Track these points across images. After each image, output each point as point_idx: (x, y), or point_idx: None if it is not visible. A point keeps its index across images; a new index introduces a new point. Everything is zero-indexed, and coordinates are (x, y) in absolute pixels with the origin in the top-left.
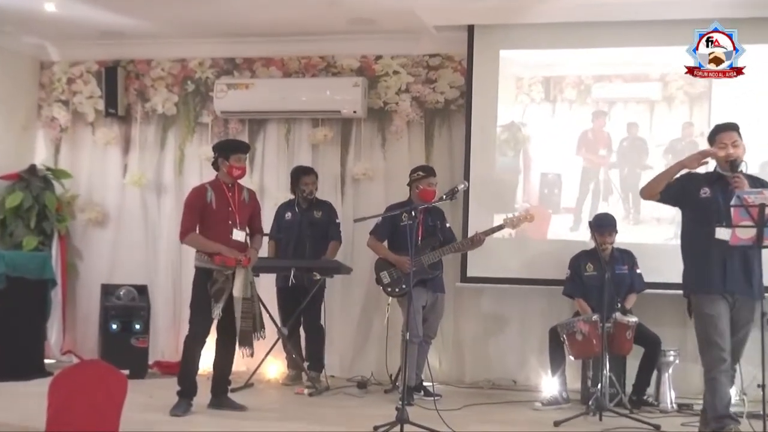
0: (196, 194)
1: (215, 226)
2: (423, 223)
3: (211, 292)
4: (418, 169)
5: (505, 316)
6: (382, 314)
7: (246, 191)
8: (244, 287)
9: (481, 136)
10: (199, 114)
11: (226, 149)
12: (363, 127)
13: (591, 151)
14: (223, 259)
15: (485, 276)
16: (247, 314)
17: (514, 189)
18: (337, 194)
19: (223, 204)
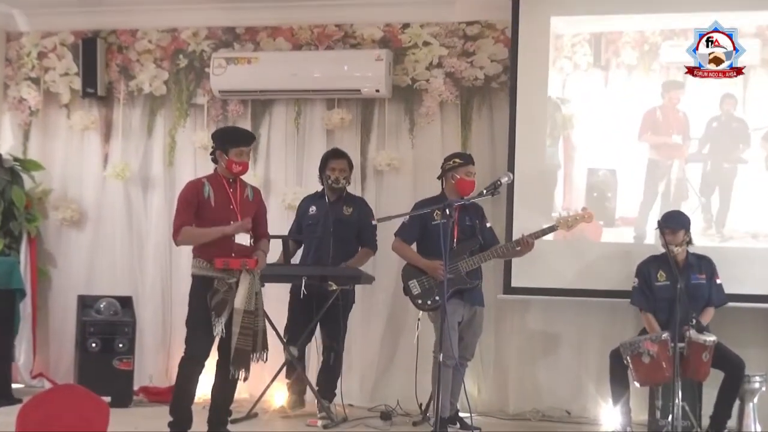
0: (192, 189)
1: (214, 226)
2: (459, 223)
3: (211, 304)
4: (453, 156)
5: (556, 335)
6: (411, 331)
7: (249, 188)
8: (248, 298)
9: (528, 120)
10: (193, 94)
11: (226, 141)
12: (387, 108)
13: (661, 138)
14: (225, 261)
15: (533, 286)
16: (247, 330)
17: (552, 190)
18: (356, 189)
19: (224, 201)
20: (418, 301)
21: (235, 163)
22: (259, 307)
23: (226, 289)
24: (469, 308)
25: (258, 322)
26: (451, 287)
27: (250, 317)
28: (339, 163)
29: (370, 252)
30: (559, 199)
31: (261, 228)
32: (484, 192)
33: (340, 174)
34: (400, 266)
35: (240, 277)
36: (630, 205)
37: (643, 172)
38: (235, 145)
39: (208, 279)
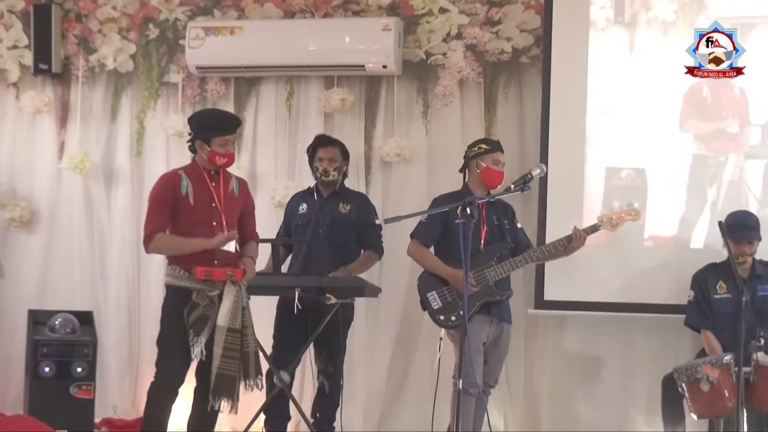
0: (167, 184)
1: (193, 229)
2: (486, 222)
3: (189, 321)
4: (479, 142)
5: (597, 357)
6: (424, 352)
7: (235, 180)
8: (233, 313)
9: (565, 101)
10: (166, 71)
11: (206, 128)
12: (396, 88)
13: (710, 125)
14: (207, 271)
15: (569, 299)
16: (232, 352)
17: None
18: (359, 183)
19: (205, 198)
20: (439, 316)
21: (220, 155)
22: (247, 325)
23: (207, 303)
24: (496, 325)
25: (247, 342)
26: (477, 300)
27: (235, 336)
28: (327, 152)
29: (375, 256)
30: (600, 195)
31: (248, 228)
32: (512, 187)
33: (330, 165)
34: (412, 274)
35: (224, 289)
36: (665, 218)
37: (684, 171)
38: (219, 133)
39: (186, 291)
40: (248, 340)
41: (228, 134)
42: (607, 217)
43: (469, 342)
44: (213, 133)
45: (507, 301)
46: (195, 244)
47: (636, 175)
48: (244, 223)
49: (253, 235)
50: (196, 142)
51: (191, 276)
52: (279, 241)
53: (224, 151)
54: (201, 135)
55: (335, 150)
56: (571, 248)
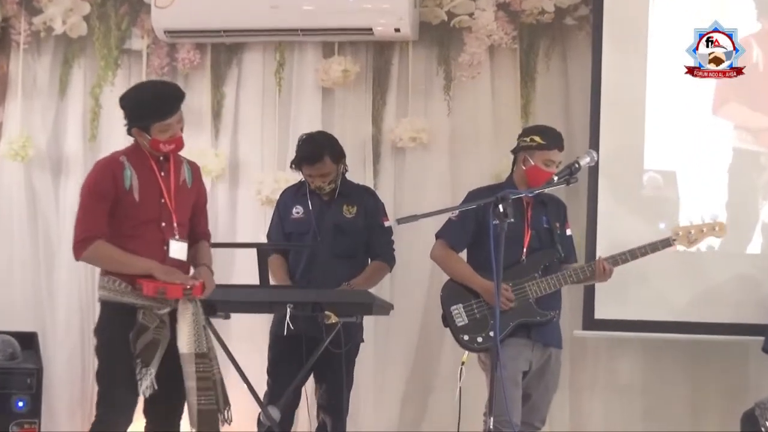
0: (105, 174)
1: (137, 231)
2: (532, 224)
3: (135, 347)
4: (533, 132)
5: (660, 389)
6: (447, 384)
7: (187, 167)
8: (196, 335)
9: (621, 72)
10: (127, 35)
11: (142, 115)
12: (412, 56)
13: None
14: (161, 287)
15: (625, 318)
16: (207, 381)
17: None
18: (365, 174)
19: (152, 192)
20: (462, 336)
21: (164, 143)
22: (210, 347)
23: (158, 325)
24: (540, 351)
25: (212, 368)
26: (512, 319)
27: (205, 363)
28: (315, 169)
29: (384, 267)
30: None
31: (201, 225)
32: (555, 179)
33: (322, 180)
34: (432, 288)
35: (179, 306)
36: (744, 223)
37: (723, 173)
38: (158, 118)
39: (129, 309)
40: (213, 366)
41: (170, 116)
42: (684, 231)
43: (502, 370)
44: (150, 119)
45: (556, 322)
46: (139, 265)
47: (664, 182)
48: (195, 218)
49: (205, 233)
50: (133, 131)
51: (135, 290)
52: (273, 246)
53: (168, 137)
54: (136, 122)
55: (323, 165)
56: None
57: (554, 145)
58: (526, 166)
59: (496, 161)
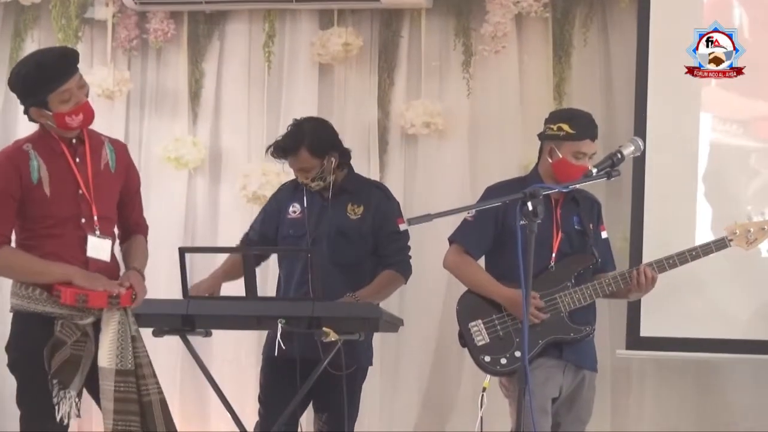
0: (6, 168)
1: (52, 231)
2: (562, 225)
3: (50, 366)
4: (561, 119)
5: (720, 419)
6: (466, 411)
7: (108, 146)
8: (120, 348)
9: (670, 47)
10: (89, 1)
11: (34, 88)
12: (425, 27)
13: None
14: (81, 294)
15: (676, 336)
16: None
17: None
18: (370, 166)
19: (66, 183)
20: (482, 357)
21: (69, 115)
22: (142, 363)
23: (78, 338)
24: (572, 374)
25: (147, 387)
26: (542, 337)
27: (127, 381)
28: (297, 162)
29: (398, 278)
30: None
31: (133, 215)
32: (594, 172)
33: (305, 176)
34: (449, 299)
35: (103, 315)
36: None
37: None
38: (52, 85)
39: (45, 319)
40: (148, 385)
41: (65, 82)
42: (743, 229)
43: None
44: (45, 89)
45: (590, 341)
46: (57, 272)
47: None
48: (127, 207)
49: (138, 225)
50: (31, 112)
51: (51, 298)
52: (255, 251)
53: (72, 107)
54: (31, 99)
55: (300, 157)
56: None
57: (586, 135)
58: (553, 158)
59: (524, 151)
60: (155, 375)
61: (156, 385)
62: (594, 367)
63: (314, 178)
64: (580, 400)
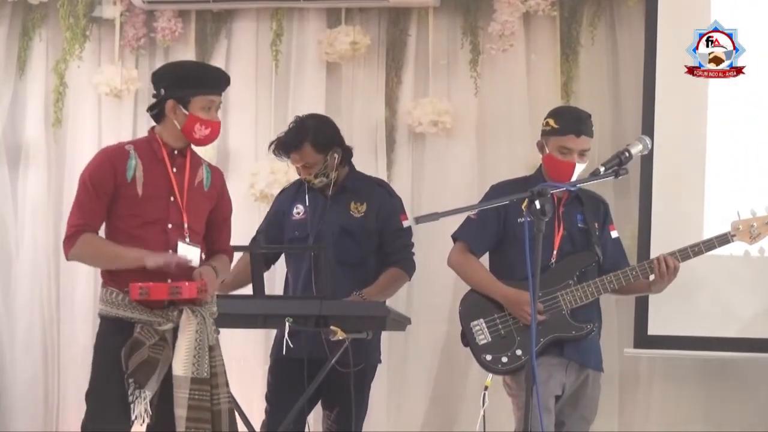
0: (105, 163)
1: (139, 231)
2: (565, 224)
3: (128, 366)
4: (551, 114)
5: (730, 418)
6: (473, 410)
7: (206, 169)
8: (196, 356)
9: (680, 47)
10: (97, 1)
11: (185, 83)
12: (432, 26)
13: None
14: (143, 287)
15: (686, 334)
16: (200, 411)
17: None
18: (377, 165)
19: (159, 188)
20: (484, 356)
21: (202, 123)
22: (217, 372)
23: (156, 342)
24: (576, 372)
25: (219, 396)
26: (543, 335)
27: (203, 390)
28: (300, 158)
29: (403, 275)
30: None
31: (221, 239)
32: (602, 171)
33: (306, 172)
34: (455, 299)
35: (181, 321)
36: None
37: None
38: (204, 90)
39: (126, 324)
40: (220, 394)
41: (215, 93)
42: (746, 224)
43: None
44: (196, 88)
45: (594, 339)
46: (130, 256)
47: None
48: (214, 231)
49: (225, 248)
50: (168, 104)
51: (133, 303)
52: (262, 249)
53: (208, 119)
54: (176, 92)
55: (302, 153)
56: (655, 284)
57: (569, 130)
58: (543, 154)
59: (532, 149)
60: (227, 384)
61: (227, 394)
62: (599, 366)
63: (317, 174)
64: (585, 398)
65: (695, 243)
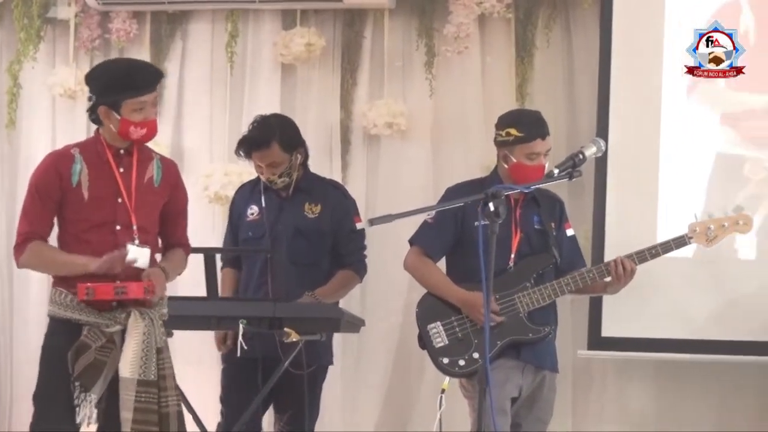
0: (49, 169)
1: (87, 235)
2: (521, 225)
3: (74, 369)
4: (508, 122)
5: (680, 418)
6: (429, 413)
7: (157, 164)
8: (144, 358)
9: (633, 48)
10: (52, 2)
11: (113, 88)
12: (388, 28)
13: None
14: (89, 287)
15: (639, 336)
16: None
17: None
18: (332, 167)
19: (106, 190)
20: (441, 359)
21: (135, 125)
22: (166, 375)
23: (103, 344)
24: (532, 374)
25: (167, 399)
26: (500, 338)
27: (149, 392)
28: (261, 157)
29: (354, 277)
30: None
31: (176, 233)
32: (556, 173)
33: (272, 171)
34: (411, 300)
35: (129, 323)
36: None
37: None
38: (132, 93)
39: (74, 325)
40: (168, 396)
41: (145, 93)
42: (703, 227)
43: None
44: (124, 93)
45: (550, 341)
46: (77, 263)
47: (738, 159)
48: (169, 226)
49: (182, 241)
50: (100, 110)
51: (81, 305)
52: (216, 251)
53: (141, 119)
54: (106, 97)
55: (270, 152)
56: (612, 286)
57: (535, 135)
58: (509, 164)
59: (487, 151)
60: (176, 387)
61: (175, 396)
62: (554, 368)
63: (282, 174)
64: (541, 400)
65: (652, 245)
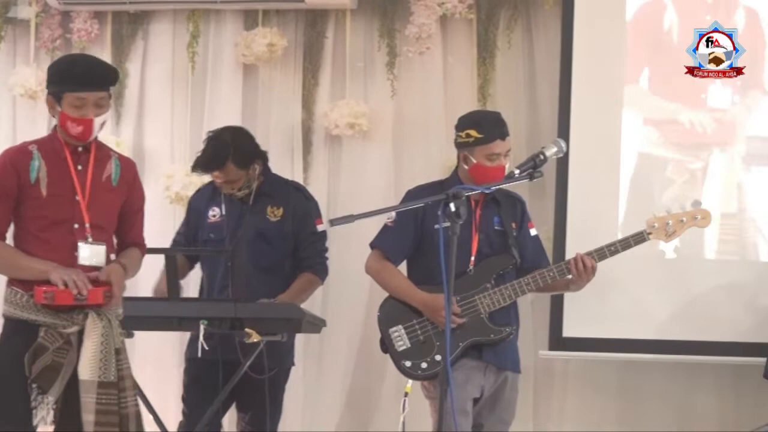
0: (6, 166)
1: (44, 234)
2: (481, 227)
3: (31, 371)
4: (467, 124)
5: (641, 419)
6: (390, 414)
7: (116, 162)
8: (103, 360)
9: (595, 49)
10: (12, 1)
11: (58, 79)
12: (350, 28)
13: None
14: (48, 292)
15: (600, 337)
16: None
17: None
18: (293, 168)
19: (63, 188)
20: (404, 362)
21: (72, 121)
22: (125, 375)
23: (61, 346)
24: (494, 375)
25: (126, 399)
26: (461, 339)
27: (109, 394)
28: (223, 175)
29: (315, 280)
30: (648, 186)
31: (132, 231)
32: (517, 174)
33: (230, 187)
34: (373, 301)
35: (86, 324)
36: (738, 221)
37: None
38: (72, 86)
39: (30, 326)
40: (127, 397)
41: (86, 90)
42: (661, 221)
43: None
44: (64, 85)
45: (512, 342)
46: (35, 268)
47: (698, 157)
48: (126, 223)
49: (137, 241)
50: (47, 99)
51: (38, 306)
52: (177, 251)
53: (78, 116)
54: (51, 87)
55: (227, 170)
56: (574, 283)
57: (495, 136)
58: (469, 165)
59: (448, 152)
60: (135, 387)
61: (134, 397)
62: (516, 368)
63: (241, 187)
64: (502, 400)
65: (612, 242)
